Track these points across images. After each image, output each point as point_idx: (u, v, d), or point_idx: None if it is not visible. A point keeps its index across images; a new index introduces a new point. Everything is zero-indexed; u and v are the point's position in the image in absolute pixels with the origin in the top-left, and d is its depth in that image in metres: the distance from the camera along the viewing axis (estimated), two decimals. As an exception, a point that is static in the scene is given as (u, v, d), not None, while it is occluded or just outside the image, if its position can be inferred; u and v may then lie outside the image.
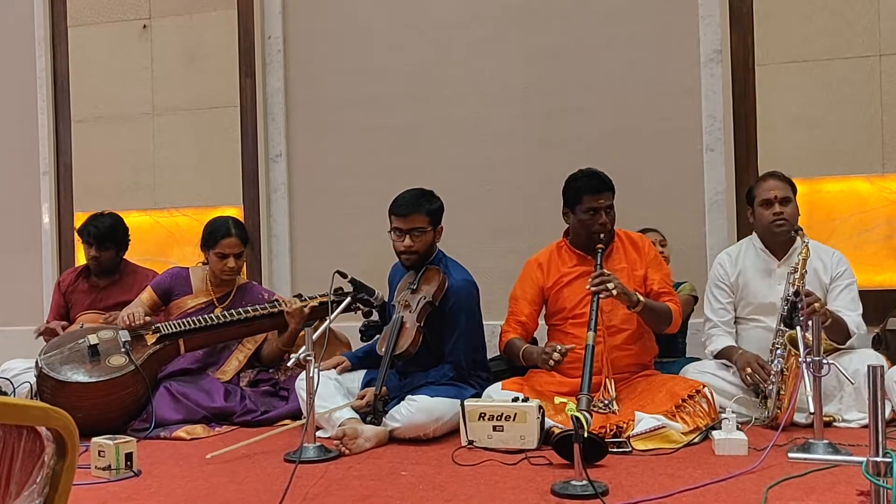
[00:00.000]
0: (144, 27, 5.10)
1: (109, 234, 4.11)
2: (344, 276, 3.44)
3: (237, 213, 4.80)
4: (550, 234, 3.55)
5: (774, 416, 3.04)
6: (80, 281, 4.23)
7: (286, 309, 3.64)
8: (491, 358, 3.63)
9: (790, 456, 1.95)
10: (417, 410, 3.06)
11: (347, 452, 2.88)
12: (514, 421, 2.86)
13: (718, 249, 3.78)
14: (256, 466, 2.79)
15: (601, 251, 3.26)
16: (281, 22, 4.87)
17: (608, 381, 3.15)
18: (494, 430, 2.88)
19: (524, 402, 2.92)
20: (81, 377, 3.36)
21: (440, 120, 4.63)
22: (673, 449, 2.80)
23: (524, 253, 3.63)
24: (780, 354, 3.10)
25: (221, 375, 3.71)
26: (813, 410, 2.56)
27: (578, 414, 2.34)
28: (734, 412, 2.88)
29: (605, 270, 3.15)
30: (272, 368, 3.82)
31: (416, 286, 3.32)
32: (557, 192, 3.42)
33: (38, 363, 3.42)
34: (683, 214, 4.25)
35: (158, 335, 3.58)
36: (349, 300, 3.50)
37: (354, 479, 2.58)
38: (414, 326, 3.23)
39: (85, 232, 4.13)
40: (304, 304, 3.66)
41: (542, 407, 2.93)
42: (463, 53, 4.61)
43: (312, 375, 2.86)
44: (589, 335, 2.99)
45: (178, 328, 3.60)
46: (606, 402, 3.06)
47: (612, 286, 3.06)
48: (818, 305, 3.00)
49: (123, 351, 3.46)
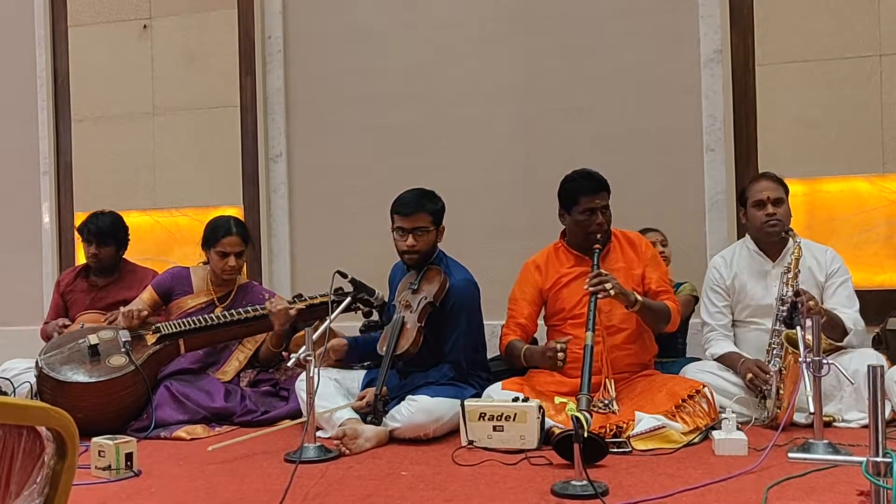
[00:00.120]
0: (144, 27, 5.10)
1: (109, 230, 4.11)
2: (344, 276, 3.44)
3: (237, 213, 4.80)
4: (551, 233, 3.55)
5: (774, 415, 3.04)
6: (79, 280, 4.23)
7: (269, 309, 3.59)
8: (491, 358, 3.63)
9: (790, 456, 1.94)
10: (418, 410, 3.06)
11: (347, 452, 2.88)
12: (514, 421, 2.86)
13: (718, 249, 3.78)
14: (256, 466, 2.79)
15: (598, 251, 3.26)
16: (281, 22, 4.87)
17: (608, 380, 3.15)
18: (494, 430, 2.88)
19: (524, 402, 2.92)
20: (81, 377, 3.36)
21: (440, 120, 4.63)
22: (673, 449, 2.80)
23: (524, 253, 3.62)
24: (777, 354, 3.10)
25: (222, 375, 3.71)
26: (813, 410, 2.56)
27: (579, 414, 2.34)
28: (734, 412, 2.88)
29: (602, 270, 3.15)
30: (271, 369, 3.82)
31: (416, 286, 3.32)
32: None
33: (38, 363, 3.42)
34: (683, 214, 4.25)
35: (158, 335, 3.58)
36: (349, 300, 3.49)
37: (354, 479, 2.58)
38: (415, 327, 3.22)
39: (85, 229, 4.12)
40: (290, 304, 3.61)
41: (542, 407, 2.92)
42: (463, 53, 4.60)
43: (312, 375, 2.86)
44: (587, 335, 2.98)
45: (178, 328, 3.60)
46: (606, 401, 3.05)
47: (609, 286, 3.06)
48: (813, 304, 3.00)
49: (123, 351, 3.47)
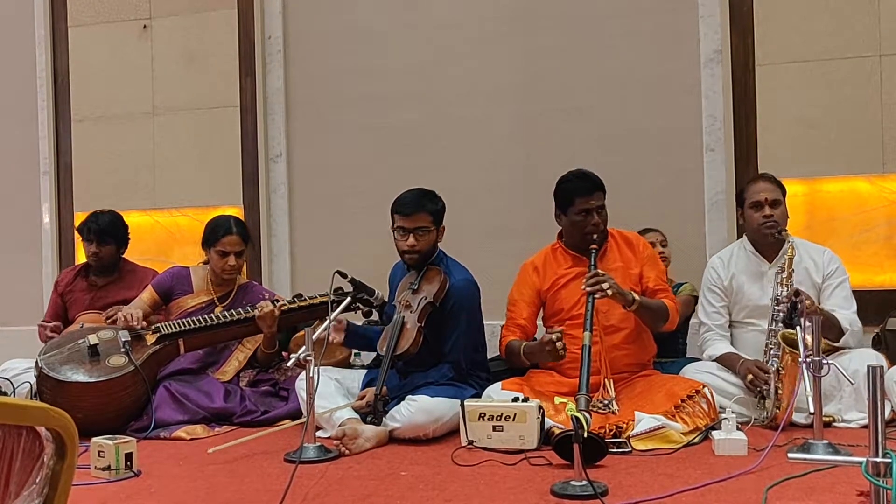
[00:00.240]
0: (144, 27, 5.10)
1: (110, 229, 4.11)
2: (344, 276, 3.44)
3: (237, 213, 4.80)
4: (550, 233, 3.55)
5: (773, 416, 3.04)
6: (78, 280, 4.22)
7: (256, 314, 3.59)
8: (491, 358, 3.62)
9: (790, 456, 1.95)
10: (417, 410, 3.06)
11: (347, 452, 2.88)
12: (513, 421, 2.86)
13: (718, 249, 3.77)
14: (256, 466, 2.79)
15: (595, 251, 3.26)
16: (281, 22, 4.87)
17: (607, 381, 3.15)
18: (494, 430, 2.88)
19: (524, 402, 2.92)
20: (81, 377, 3.36)
21: (440, 120, 4.63)
22: (673, 449, 2.80)
23: (524, 253, 3.62)
24: (774, 354, 3.10)
25: (221, 375, 3.71)
26: (813, 411, 2.56)
27: (578, 414, 2.34)
28: (734, 412, 2.88)
29: (599, 270, 3.15)
30: (271, 369, 3.82)
31: (417, 286, 3.32)
32: (557, 191, 3.42)
33: (37, 363, 3.42)
34: (683, 214, 4.25)
35: (158, 335, 3.58)
36: (349, 300, 3.49)
37: (354, 479, 2.58)
38: (415, 327, 3.22)
39: (85, 228, 4.12)
40: (274, 305, 3.60)
41: (542, 407, 2.92)
42: (463, 53, 4.60)
43: (312, 375, 2.86)
44: (585, 335, 2.98)
45: (177, 328, 3.60)
46: (606, 402, 3.05)
47: (606, 286, 3.06)
48: (809, 304, 3.01)
49: (123, 351, 3.46)
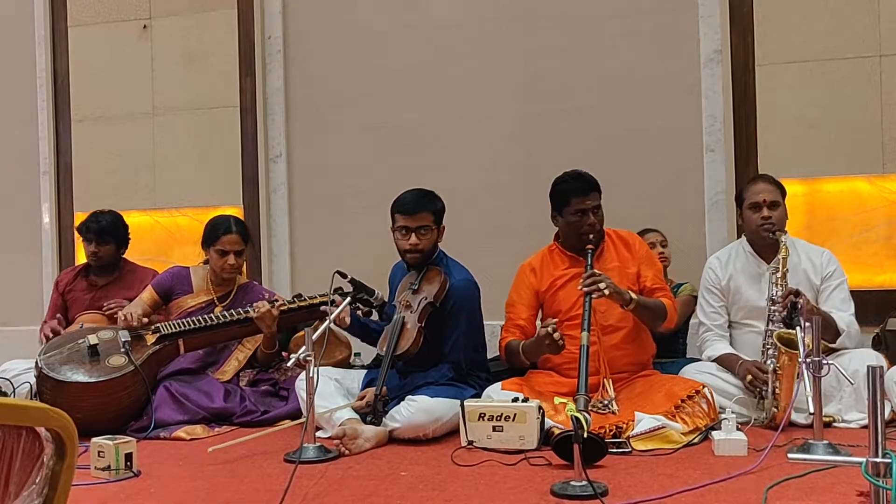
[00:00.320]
0: (144, 27, 5.10)
1: (109, 228, 4.12)
2: (344, 276, 3.44)
3: (237, 213, 4.80)
4: (550, 234, 3.54)
5: (772, 416, 3.04)
6: (78, 280, 4.23)
7: (254, 315, 3.58)
8: (491, 358, 3.62)
9: (790, 456, 1.95)
10: (417, 411, 3.06)
11: (347, 452, 2.88)
12: (513, 421, 2.86)
13: (718, 249, 3.76)
14: (256, 466, 2.79)
15: (592, 251, 3.26)
16: (281, 22, 4.87)
17: (606, 380, 3.15)
18: (494, 430, 2.88)
19: (524, 402, 2.92)
20: (81, 377, 3.36)
21: (440, 120, 4.63)
22: (672, 449, 2.80)
23: (524, 253, 3.62)
24: (771, 354, 3.10)
25: (221, 375, 3.71)
26: (812, 411, 2.55)
27: (578, 414, 2.34)
28: (734, 412, 2.88)
29: (595, 270, 3.15)
30: (270, 369, 3.82)
31: (417, 286, 3.32)
32: (558, 192, 3.42)
33: (37, 363, 3.42)
34: (683, 214, 4.24)
35: (158, 335, 3.58)
36: (349, 300, 3.49)
37: (354, 479, 2.58)
38: (415, 327, 3.22)
39: (84, 228, 4.13)
40: (272, 305, 3.60)
41: (541, 407, 2.92)
42: (463, 53, 4.60)
43: (312, 375, 2.86)
44: (583, 335, 2.99)
45: (177, 328, 3.60)
46: (606, 402, 3.05)
47: (603, 286, 3.06)
48: (803, 303, 3.00)
49: (123, 351, 3.46)
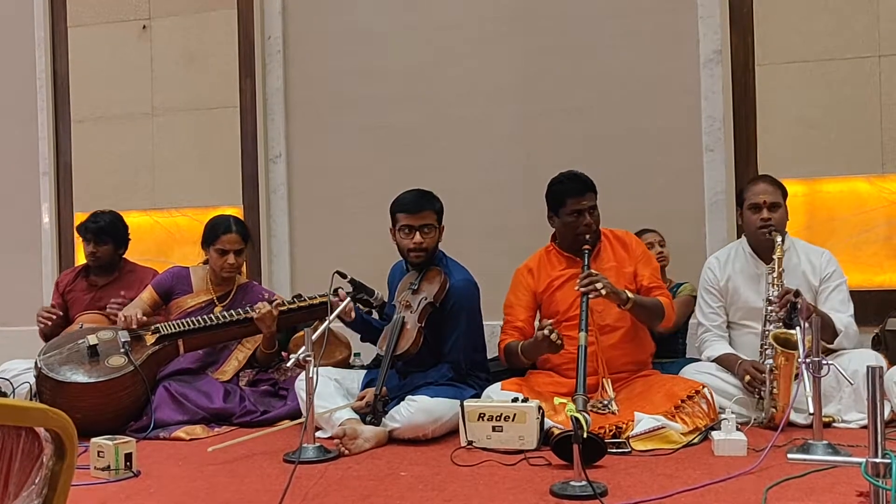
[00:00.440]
0: (144, 27, 5.10)
1: (108, 228, 4.12)
2: (344, 276, 3.44)
3: (237, 213, 4.80)
4: (550, 234, 3.55)
5: (771, 416, 3.04)
6: (78, 280, 4.23)
7: (254, 316, 3.58)
8: (490, 358, 3.62)
9: (789, 457, 1.95)
10: (417, 411, 3.06)
11: (347, 453, 2.88)
12: (513, 421, 2.86)
13: (718, 250, 3.76)
14: (256, 466, 2.79)
15: (588, 252, 3.26)
16: (281, 22, 4.87)
17: (605, 381, 3.15)
18: (494, 430, 2.88)
19: (524, 402, 2.92)
20: (80, 377, 3.36)
21: (440, 120, 4.63)
22: (672, 449, 2.80)
23: (524, 253, 3.62)
24: (769, 354, 3.10)
25: (221, 375, 3.70)
26: (812, 411, 2.56)
27: (578, 415, 2.34)
28: (734, 413, 2.88)
29: (592, 270, 3.15)
30: (270, 369, 3.82)
31: (417, 286, 3.32)
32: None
33: (37, 363, 3.42)
34: (683, 214, 4.24)
35: (158, 335, 3.58)
36: (349, 300, 3.49)
37: (354, 479, 2.58)
38: (415, 327, 3.22)
39: (83, 227, 4.14)
40: (272, 305, 3.60)
41: (541, 407, 2.92)
42: (463, 54, 4.60)
43: (312, 375, 2.86)
44: (580, 336, 2.99)
45: (177, 328, 3.60)
46: (605, 402, 3.05)
47: (600, 286, 3.06)
48: (799, 301, 3.01)
49: (123, 351, 3.46)
